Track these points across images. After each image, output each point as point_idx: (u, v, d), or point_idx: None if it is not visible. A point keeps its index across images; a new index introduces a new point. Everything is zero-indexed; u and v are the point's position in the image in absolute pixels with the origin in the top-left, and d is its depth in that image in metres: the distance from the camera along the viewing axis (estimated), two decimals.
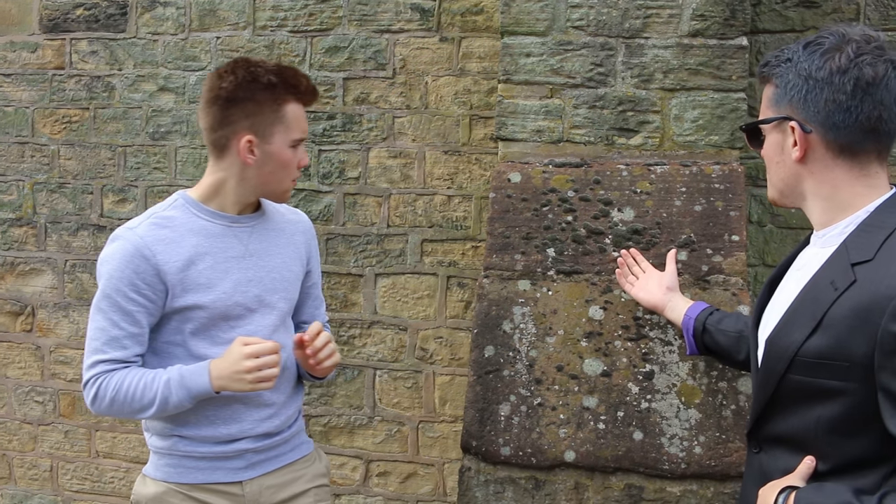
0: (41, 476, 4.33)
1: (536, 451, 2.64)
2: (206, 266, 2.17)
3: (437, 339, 3.82)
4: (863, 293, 1.51)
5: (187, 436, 2.21)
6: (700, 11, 2.93)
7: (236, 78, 2.15)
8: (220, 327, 2.20)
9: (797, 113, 1.64)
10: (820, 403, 1.58)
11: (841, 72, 1.58)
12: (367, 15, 3.78)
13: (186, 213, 2.21)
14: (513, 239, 2.90)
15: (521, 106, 3.07)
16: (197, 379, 2.11)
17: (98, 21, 4.08)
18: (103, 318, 2.14)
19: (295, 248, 2.38)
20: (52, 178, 4.20)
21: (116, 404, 2.13)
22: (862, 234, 1.59)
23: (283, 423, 2.34)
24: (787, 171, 1.69)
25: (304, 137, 2.23)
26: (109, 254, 2.16)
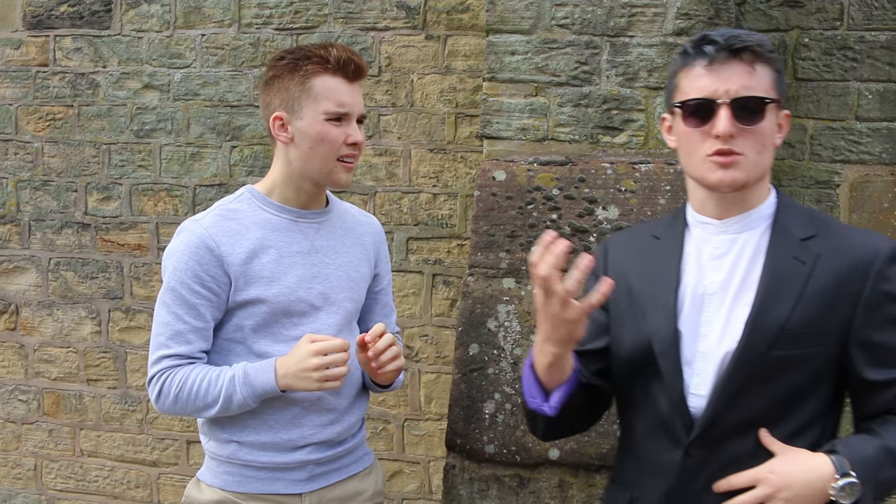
0: (25, 475, 4.31)
1: (521, 449, 2.64)
2: (270, 259, 2.12)
3: (422, 337, 3.82)
4: (839, 262, 1.67)
5: (247, 442, 2.13)
6: (685, 10, 2.94)
7: (271, 61, 2.17)
8: (282, 324, 2.14)
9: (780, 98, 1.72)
10: (790, 374, 1.66)
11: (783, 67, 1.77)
12: (353, 13, 3.77)
13: (252, 206, 2.16)
14: (497, 237, 2.90)
15: (506, 104, 3.07)
16: (262, 377, 2.05)
17: (82, 18, 4.06)
18: (167, 313, 2.10)
19: (363, 248, 2.31)
20: (35, 176, 4.18)
21: (180, 402, 2.08)
22: (787, 214, 1.75)
23: (345, 431, 2.24)
24: (770, 153, 1.73)
25: (343, 111, 2.11)
26: (174, 247, 2.12)
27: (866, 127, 3.42)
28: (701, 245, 1.78)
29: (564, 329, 1.64)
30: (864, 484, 1.59)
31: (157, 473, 4.15)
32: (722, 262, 1.74)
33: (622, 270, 1.85)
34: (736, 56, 1.67)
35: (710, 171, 1.68)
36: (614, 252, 1.92)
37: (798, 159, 3.48)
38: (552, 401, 1.77)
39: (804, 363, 1.66)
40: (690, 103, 1.69)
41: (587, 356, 1.86)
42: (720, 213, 1.75)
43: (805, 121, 3.46)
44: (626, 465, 1.88)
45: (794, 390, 1.67)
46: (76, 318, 4.17)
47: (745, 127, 1.66)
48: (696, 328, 1.73)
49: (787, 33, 3.44)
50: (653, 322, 1.75)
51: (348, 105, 2.12)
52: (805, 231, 1.71)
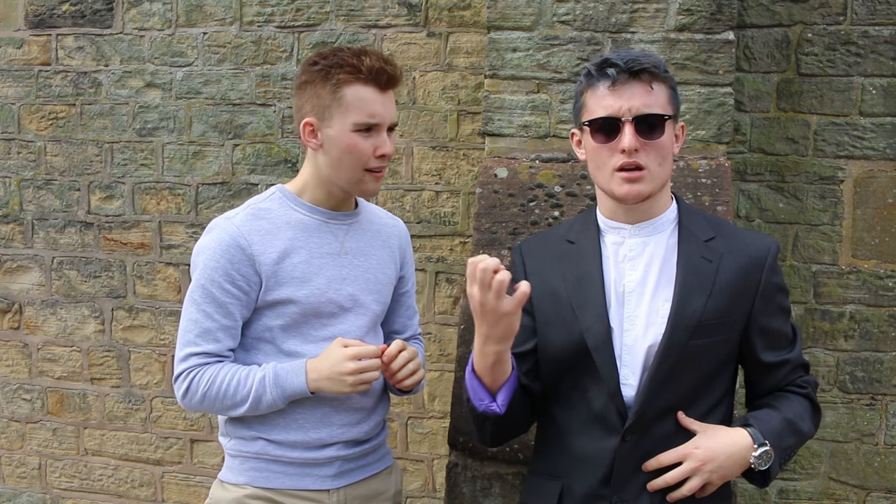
0: (29, 474, 4.32)
1: (524, 447, 2.63)
2: (301, 260, 2.13)
3: (425, 334, 3.81)
4: (739, 259, 1.90)
5: (276, 440, 2.14)
6: (687, 6, 2.93)
7: (305, 65, 2.15)
8: (311, 324, 2.15)
9: (677, 115, 1.95)
10: (704, 360, 1.87)
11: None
12: (355, 10, 3.76)
13: (283, 206, 2.17)
14: (500, 234, 2.89)
15: (508, 101, 3.06)
16: (293, 378, 2.07)
17: (84, 17, 4.06)
18: (197, 310, 2.10)
19: (390, 251, 2.32)
20: (38, 175, 4.18)
21: (208, 400, 2.09)
22: (689, 218, 1.96)
23: (371, 430, 2.27)
24: (669, 166, 1.92)
25: (373, 122, 2.10)
26: (205, 244, 2.12)
27: (870, 122, 3.40)
28: (616, 248, 1.95)
29: (503, 324, 1.77)
30: (775, 451, 1.84)
31: (161, 472, 4.15)
32: (637, 263, 1.91)
33: (542, 274, 2.01)
34: (635, 77, 1.84)
35: (618, 185, 1.86)
36: (530, 257, 2.07)
37: (802, 155, 3.47)
38: (499, 399, 1.90)
39: (716, 350, 1.88)
40: (598, 121, 1.87)
41: (518, 358, 1.99)
42: (631, 219, 1.94)
43: (808, 116, 3.45)
44: (551, 457, 2.01)
45: (707, 375, 1.89)
46: (79, 317, 4.18)
47: (647, 141, 1.84)
48: (620, 323, 1.89)
49: (790, 28, 3.42)
50: (585, 320, 1.89)
51: (379, 116, 2.12)
52: (706, 233, 1.93)
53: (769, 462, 1.84)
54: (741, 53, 3.43)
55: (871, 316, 3.45)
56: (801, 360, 2.01)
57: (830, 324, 3.46)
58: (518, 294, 1.74)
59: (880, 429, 3.48)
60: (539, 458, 2.09)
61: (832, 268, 3.47)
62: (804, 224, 3.48)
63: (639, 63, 1.84)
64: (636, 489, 1.86)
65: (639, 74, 1.84)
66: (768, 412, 1.92)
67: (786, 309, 1.97)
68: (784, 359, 1.96)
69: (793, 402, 1.95)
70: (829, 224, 3.46)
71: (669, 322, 1.85)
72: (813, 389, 2.00)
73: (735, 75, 3.03)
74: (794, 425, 1.90)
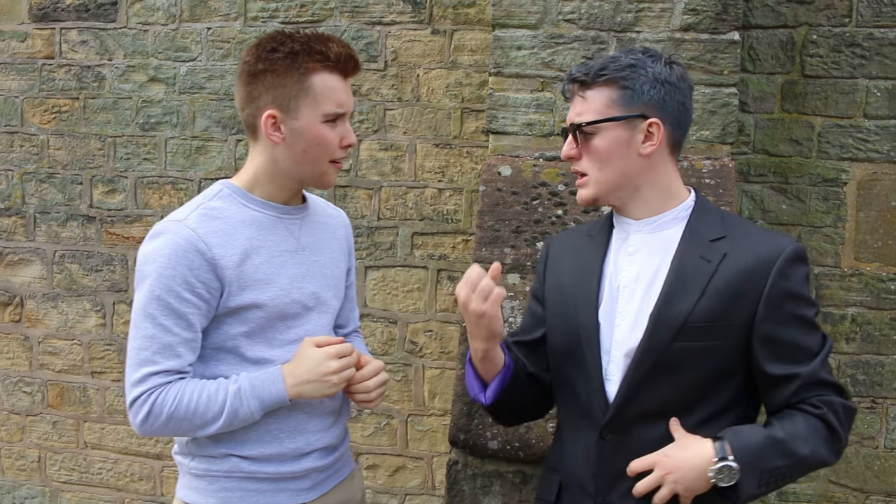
0: (29, 467, 4.32)
1: (524, 446, 2.63)
2: (262, 260, 1.97)
3: (426, 332, 3.82)
4: (743, 260, 1.80)
5: (250, 455, 1.98)
6: (692, 6, 2.93)
7: (258, 50, 1.96)
8: (277, 328, 2.00)
9: (655, 112, 1.84)
10: (697, 365, 1.79)
11: (681, 78, 1.87)
12: (359, 7, 3.76)
13: (234, 204, 1.99)
14: (502, 232, 2.89)
15: (512, 99, 3.06)
16: (271, 387, 1.92)
17: (88, 11, 4.06)
18: (153, 325, 1.89)
19: (339, 243, 2.20)
20: (41, 168, 4.18)
21: (174, 421, 1.89)
22: (701, 216, 1.88)
23: (341, 433, 2.16)
24: (630, 165, 1.85)
25: (341, 112, 1.97)
26: (156, 250, 1.91)
27: (874, 125, 3.40)
28: (620, 243, 1.93)
29: (483, 325, 1.81)
30: (744, 469, 1.72)
31: (160, 466, 4.15)
32: (634, 259, 1.88)
33: (558, 267, 2.02)
34: (577, 87, 1.88)
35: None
36: (554, 250, 2.08)
37: (805, 157, 3.46)
38: (487, 392, 1.95)
39: (710, 355, 1.79)
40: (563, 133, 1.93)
41: (528, 346, 2.04)
42: (635, 215, 1.91)
43: (813, 118, 3.44)
44: (554, 449, 2.02)
45: (703, 381, 1.80)
46: (81, 311, 4.18)
47: (585, 148, 1.87)
48: (612, 319, 1.88)
49: (796, 30, 3.42)
50: (581, 313, 1.90)
51: (346, 105, 1.99)
52: (715, 232, 1.85)
53: (733, 479, 1.72)
54: (746, 54, 3.42)
55: (872, 319, 3.45)
56: (819, 378, 1.80)
57: (832, 326, 3.46)
58: (491, 297, 1.78)
59: (880, 432, 3.48)
60: (549, 449, 2.11)
61: (834, 270, 3.47)
62: (807, 226, 3.48)
63: (578, 71, 1.87)
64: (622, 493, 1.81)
65: (575, 84, 1.88)
66: (753, 428, 1.80)
67: (802, 318, 1.80)
68: (793, 373, 1.78)
69: (796, 422, 1.77)
70: (832, 226, 3.46)
71: (650, 320, 1.81)
72: (834, 412, 1.78)
73: (739, 76, 3.03)
74: (784, 446, 1.75)
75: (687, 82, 1.89)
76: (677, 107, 1.85)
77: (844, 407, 1.81)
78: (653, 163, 1.86)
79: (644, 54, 1.86)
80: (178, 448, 2.06)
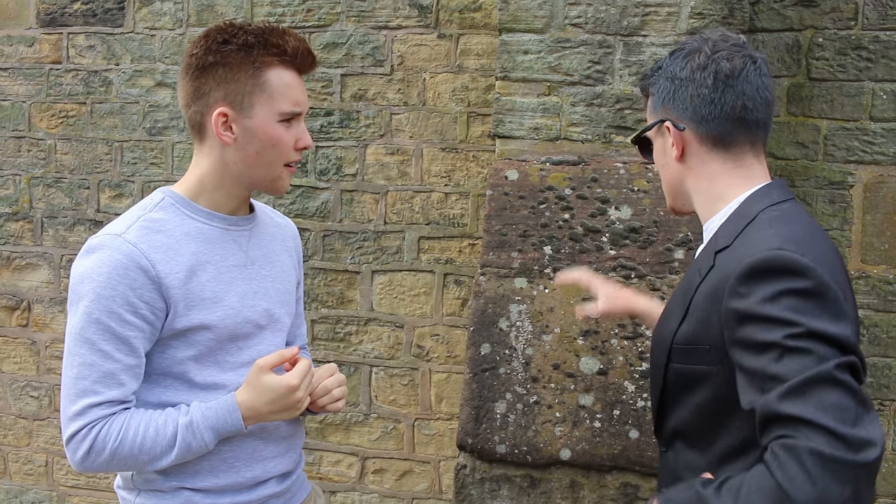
0: (36, 471, 4.33)
1: (532, 450, 2.63)
2: (209, 277, 1.80)
3: (433, 336, 3.82)
4: (716, 276, 1.57)
5: (203, 488, 1.82)
6: (698, 9, 2.93)
7: (207, 41, 1.78)
8: (227, 350, 1.84)
9: (670, 113, 1.72)
10: (695, 390, 1.62)
11: (701, 68, 1.68)
12: (365, 11, 3.77)
13: (178, 215, 1.82)
14: (510, 236, 2.89)
15: (519, 103, 3.06)
16: (226, 417, 1.76)
17: (95, 16, 4.07)
18: (91, 351, 1.71)
19: (289, 255, 2.04)
20: (48, 173, 4.19)
21: (119, 457, 1.72)
22: (729, 223, 1.65)
23: (297, 457, 2.02)
24: (671, 172, 1.76)
25: (297, 111, 1.82)
26: (93, 267, 1.72)
27: (881, 127, 3.40)
28: None
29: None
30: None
31: None
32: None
33: None
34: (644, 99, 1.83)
35: None
36: None
37: (811, 159, 3.46)
38: None
39: (703, 380, 1.59)
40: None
41: None
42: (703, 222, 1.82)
43: (819, 121, 3.44)
44: None
45: (712, 406, 1.60)
46: None
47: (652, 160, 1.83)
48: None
49: (801, 33, 3.42)
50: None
51: (302, 104, 1.84)
52: (725, 242, 1.62)
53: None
54: None
55: (879, 321, 3.45)
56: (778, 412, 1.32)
57: None
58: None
59: (888, 434, 3.47)
60: None
61: None
62: None
63: (640, 81, 1.83)
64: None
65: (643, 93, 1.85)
66: (693, 480, 1.49)
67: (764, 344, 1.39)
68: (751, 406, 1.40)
69: (745, 476, 1.35)
70: (839, 229, 3.46)
71: (651, 340, 1.77)
72: (795, 460, 1.26)
73: None
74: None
75: (709, 70, 1.67)
76: (691, 101, 1.68)
77: (814, 454, 1.25)
78: (689, 165, 1.72)
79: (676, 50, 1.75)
80: (122, 482, 1.90)
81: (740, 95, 1.66)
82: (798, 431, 1.29)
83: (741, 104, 1.66)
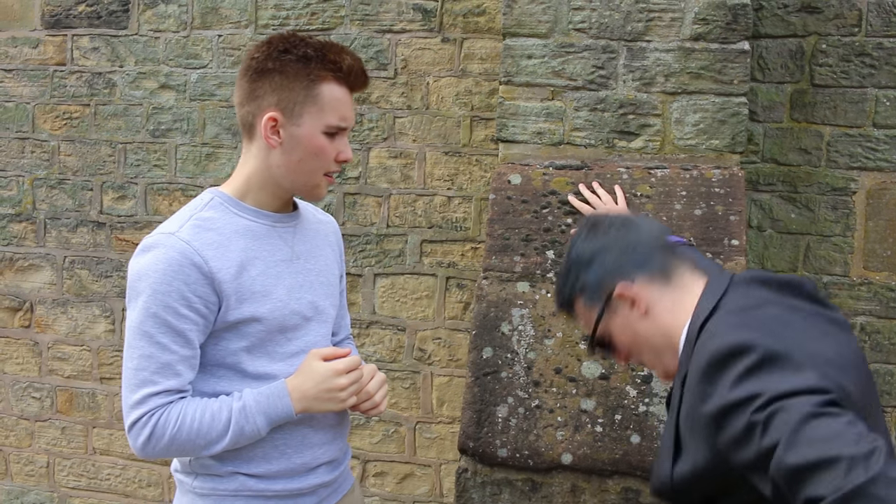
0: (38, 472, 4.33)
1: (534, 454, 2.63)
2: (258, 272, 1.90)
3: (435, 339, 3.82)
4: (688, 400, 1.51)
5: (257, 473, 1.93)
6: (702, 15, 2.93)
7: (269, 48, 1.89)
8: (277, 341, 1.94)
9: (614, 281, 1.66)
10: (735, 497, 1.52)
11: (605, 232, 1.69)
12: (369, 15, 3.78)
13: (226, 213, 1.92)
14: (512, 240, 2.90)
15: (522, 108, 3.06)
16: (277, 402, 1.87)
17: (100, 18, 4.08)
18: (149, 343, 1.82)
19: (331, 249, 2.15)
20: (52, 174, 4.20)
21: (178, 442, 1.83)
22: (683, 352, 1.60)
23: (344, 446, 2.12)
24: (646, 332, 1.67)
25: (344, 126, 1.91)
26: (149, 265, 1.83)
27: (884, 134, 3.40)
28: None
29: None
30: None
31: (168, 472, 4.16)
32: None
33: None
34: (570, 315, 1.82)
35: None
36: None
37: (814, 166, 3.47)
38: None
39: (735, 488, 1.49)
40: None
41: None
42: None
43: (822, 127, 3.45)
44: None
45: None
46: (90, 317, 4.19)
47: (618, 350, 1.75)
48: None
49: (805, 39, 3.42)
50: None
51: (349, 120, 1.94)
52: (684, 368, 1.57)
53: None
54: (755, 63, 3.43)
55: (881, 328, 3.45)
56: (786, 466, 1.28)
57: None
58: None
59: None
60: None
61: (843, 279, 3.47)
62: (816, 235, 3.48)
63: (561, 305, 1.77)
64: None
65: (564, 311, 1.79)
66: None
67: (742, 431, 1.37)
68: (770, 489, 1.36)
69: None
70: (841, 235, 3.46)
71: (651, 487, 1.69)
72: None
73: (750, 85, 3.03)
74: None
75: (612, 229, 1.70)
76: (618, 258, 1.67)
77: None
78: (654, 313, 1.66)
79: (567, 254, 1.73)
80: (179, 466, 2.00)
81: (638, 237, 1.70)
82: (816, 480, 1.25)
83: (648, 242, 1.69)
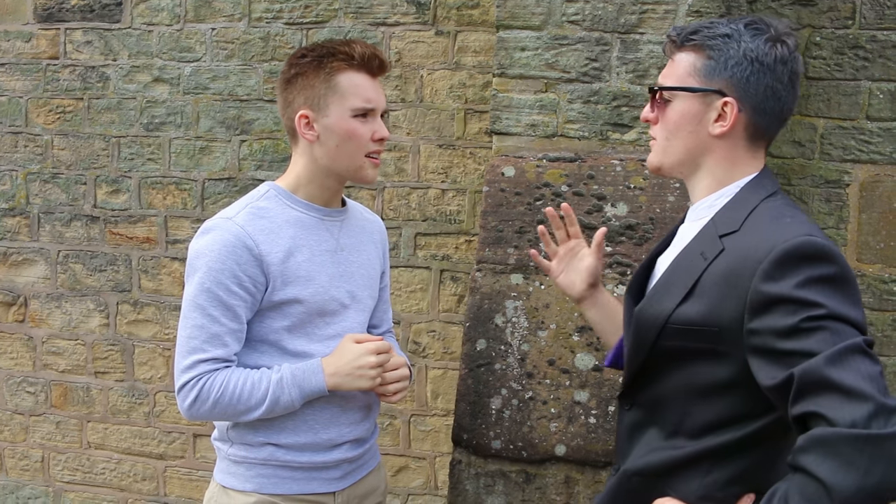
0: (32, 467, 4.33)
1: (527, 445, 2.64)
2: (304, 258, 2.11)
3: (429, 332, 3.82)
4: (731, 259, 1.57)
5: (286, 444, 2.12)
6: (696, 7, 2.93)
7: (291, 59, 2.13)
8: (316, 323, 2.14)
9: (734, 91, 1.67)
10: (686, 367, 1.64)
11: (783, 62, 1.65)
12: (363, 7, 3.77)
13: (280, 204, 2.13)
14: (506, 233, 2.90)
15: (516, 100, 3.06)
16: (311, 377, 2.06)
17: (93, 11, 4.07)
18: (202, 315, 2.02)
19: (375, 246, 2.34)
20: (45, 169, 4.19)
21: (220, 406, 2.02)
22: (729, 210, 1.66)
23: (371, 426, 2.29)
24: (697, 142, 1.71)
25: (369, 107, 2.10)
26: (207, 245, 2.04)
27: (877, 126, 3.41)
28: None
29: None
30: None
31: (163, 466, 4.16)
32: (671, 252, 1.79)
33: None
34: (670, 46, 1.75)
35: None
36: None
37: (808, 158, 3.47)
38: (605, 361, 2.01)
39: (696, 359, 1.62)
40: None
41: None
42: (693, 197, 1.79)
43: (815, 120, 3.45)
44: None
45: (700, 386, 1.63)
46: (84, 311, 4.18)
47: (660, 113, 1.74)
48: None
49: (799, 32, 3.43)
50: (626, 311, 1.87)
51: (374, 100, 2.11)
52: (729, 227, 1.63)
53: None
54: None
55: (875, 320, 3.45)
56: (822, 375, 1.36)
57: None
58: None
59: None
60: None
61: None
62: None
63: (670, 32, 1.74)
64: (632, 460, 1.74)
65: (671, 43, 1.75)
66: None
67: (787, 324, 1.44)
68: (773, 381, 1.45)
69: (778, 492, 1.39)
70: (835, 228, 3.46)
71: (633, 318, 1.72)
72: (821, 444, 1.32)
73: None
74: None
75: (789, 66, 1.65)
76: (764, 91, 1.65)
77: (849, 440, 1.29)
78: (722, 145, 1.70)
79: (749, 25, 1.67)
80: (218, 434, 2.19)
81: (796, 98, 1.70)
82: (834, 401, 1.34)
83: (792, 107, 1.70)
